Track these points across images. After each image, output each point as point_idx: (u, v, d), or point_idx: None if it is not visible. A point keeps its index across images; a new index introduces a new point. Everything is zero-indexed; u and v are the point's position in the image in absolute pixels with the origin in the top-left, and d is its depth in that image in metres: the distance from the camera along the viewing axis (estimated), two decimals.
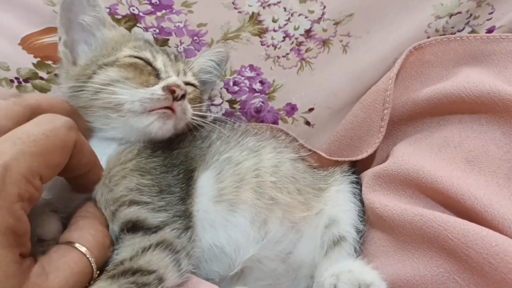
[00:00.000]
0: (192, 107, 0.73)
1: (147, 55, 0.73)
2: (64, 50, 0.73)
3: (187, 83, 0.75)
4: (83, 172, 0.59)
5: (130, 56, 0.71)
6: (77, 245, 0.54)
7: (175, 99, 0.67)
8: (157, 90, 0.67)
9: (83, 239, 0.55)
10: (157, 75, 0.72)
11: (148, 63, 0.72)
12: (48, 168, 0.50)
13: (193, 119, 0.73)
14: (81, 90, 0.68)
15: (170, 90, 0.66)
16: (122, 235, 0.60)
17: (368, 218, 0.75)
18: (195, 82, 0.80)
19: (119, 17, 0.83)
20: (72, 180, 0.61)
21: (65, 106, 0.66)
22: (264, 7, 0.82)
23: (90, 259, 0.54)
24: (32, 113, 0.55)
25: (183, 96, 0.68)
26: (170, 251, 0.58)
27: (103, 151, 0.66)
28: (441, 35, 0.83)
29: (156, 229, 0.60)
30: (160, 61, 0.73)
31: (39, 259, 0.50)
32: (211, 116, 0.81)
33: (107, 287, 0.52)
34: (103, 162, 0.65)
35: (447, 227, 0.58)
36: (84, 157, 0.58)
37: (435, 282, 0.58)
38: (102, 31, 0.75)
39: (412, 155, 0.72)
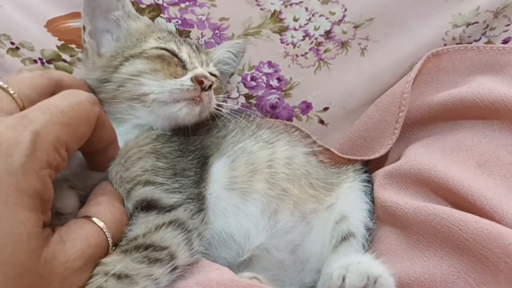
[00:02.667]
0: (215, 97, 0.77)
1: (172, 46, 0.76)
2: (90, 40, 0.76)
3: (210, 74, 0.78)
4: (102, 147, 0.63)
5: (157, 48, 0.74)
6: (95, 219, 0.56)
7: (203, 89, 0.71)
8: (186, 81, 0.70)
9: (101, 214, 0.58)
10: (183, 66, 0.75)
11: (174, 54, 0.75)
12: (73, 138, 0.53)
13: (216, 108, 0.76)
14: (107, 82, 0.72)
15: (198, 81, 0.70)
16: (136, 213, 0.63)
17: (377, 216, 0.77)
18: (217, 72, 0.84)
19: (143, 6, 0.86)
20: (90, 155, 0.64)
21: (85, 86, 0.70)
22: (286, 6, 0.86)
23: (107, 233, 0.56)
24: (56, 86, 0.59)
25: (210, 87, 0.72)
26: (182, 229, 0.61)
27: (123, 137, 0.69)
28: (457, 43, 0.86)
29: (170, 208, 0.63)
30: (185, 53, 0.77)
31: (58, 229, 0.52)
32: (231, 106, 0.84)
33: (121, 260, 0.55)
34: (121, 145, 0.68)
35: (461, 226, 0.59)
36: (105, 132, 0.61)
37: (445, 281, 0.60)
38: (127, 22, 0.78)
39: (424, 155, 0.74)
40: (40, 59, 0.87)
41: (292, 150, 0.80)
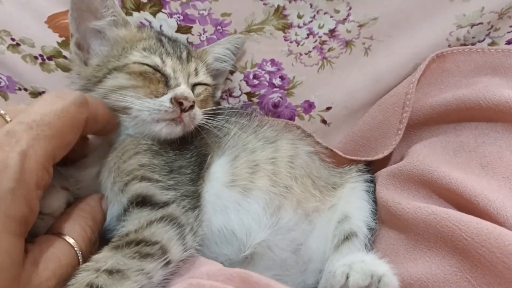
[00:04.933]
0: (202, 111, 0.75)
1: (156, 60, 0.74)
2: (76, 51, 0.76)
3: (198, 84, 0.78)
4: (98, 131, 0.64)
5: (139, 63, 0.73)
6: (66, 237, 0.57)
7: (183, 110, 0.70)
8: (165, 101, 0.69)
9: (73, 232, 0.58)
10: (166, 82, 0.73)
11: (157, 70, 0.73)
12: (60, 148, 0.53)
13: (205, 120, 0.75)
14: (92, 92, 0.71)
15: (178, 102, 0.69)
16: (131, 208, 0.64)
17: (380, 216, 0.79)
18: (208, 80, 0.82)
19: (145, 1, 0.86)
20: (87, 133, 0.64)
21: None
22: (290, 1, 0.86)
23: (78, 252, 0.56)
24: None
25: (191, 107, 0.71)
26: (174, 225, 0.63)
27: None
28: (461, 44, 0.88)
29: (163, 205, 0.65)
30: (169, 67, 0.75)
31: (30, 248, 0.52)
32: (232, 105, 0.84)
33: (112, 257, 0.56)
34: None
35: (461, 226, 0.61)
36: (97, 124, 0.62)
37: (448, 281, 0.61)
38: (114, 30, 0.77)
39: (427, 156, 0.76)
40: (41, 55, 0.88)
41: (295, 149, 0.81)
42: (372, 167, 0.89)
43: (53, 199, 0.63)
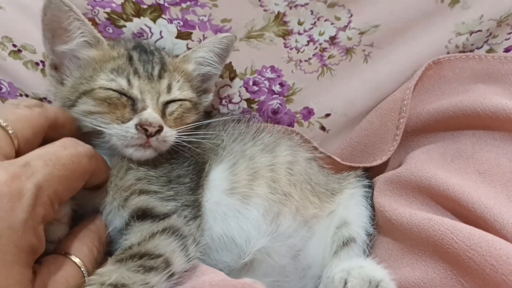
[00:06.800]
0: (180, 128, 0.74)
1: (121, 83, 0.71)
2: (51, 72, 0.76)
3: (171, 101, 0.76)
4: (94, 184, 0.65)
5: (104, 88, 0.71)
6: (74, 258, 0.58)
7: (149, 136, 0.69)
8: (130, 127, 0.68)
9: (81, 253, 0.59)
10: (132, 105, 0.71)
11: (123, 93, 0.71)
12: (68, 192, 0.55)
13: (183, 137, 0.73)
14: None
15: (142, 128, 0.68)
16: (132, 222, 0.66)
17: (377, 222, 0.80)
18: (184, 94, 0.78)
19: (145, 6, 0.86)
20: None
21: (75, 123, 0.70)
22: (290, 7, 0.86)
23: (84, 273, 0.57)
24: (50, 125, 0.60)
25: (158, 131, 0.69)
26: (177, 236, 0.64)
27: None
28: (460, 51, 0.89)
29: (164, 216, 0.66)
30: (136, 88, 0.72)
31: (38, 270, 0.52)
32: (215, 118, 0.85)
33: (116, 270, 0.57)
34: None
35: (453, 230, 0.62)
36: (98, 179, 0.64)
37: (444, 285, 0.63)
38: (84, 52, 0.75)
39: (425, 162, 0.77)
40: (42, 61, 0.89)
41: (294, 155, 0.83)
42: (370, 173, 0.90)
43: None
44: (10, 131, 0.53)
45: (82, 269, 0.57)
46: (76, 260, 0.57)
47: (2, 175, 0.47)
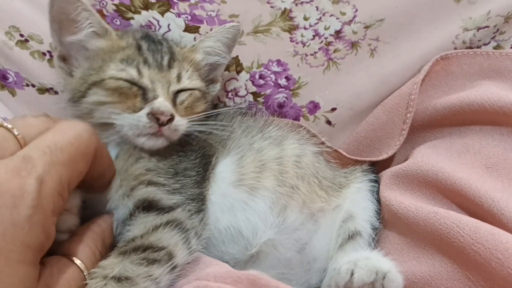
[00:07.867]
0: (191, 117, 0.74)
1: (132, 73, 0.71)
2: (60, 64, 0.76)
3: (181, 90, 0.76)
4: (99, 174, 0.63)
5: (114, 78, 0.71)
6: (76, 260, 0.57)
7: (161, 124, 0.69)
8: (142, 117, 0.69)
9: (84, 255, 0.58)
10: (143, 95, 0.71)
11: (133, 83, 0.71)
12: (73, 176, 0.53)
13: (194, 126, 0.74)
14: (78, 105, 0.73)
15: (154, 117, 0.69)
16: (137, 213, 0.66)
17: (383, 216, 0.80)
18: (194, 83, 0.78)
19: (153, 1, 0.88)
20: (87, 182, 0.63)
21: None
22: (296, 4, 0.88)
23: (86, 276, 0.57)
24: None
25: (170, 120, 0.70)
26: (179, 229, 0.64)
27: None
28: (467, 47, 0.90)
29: (169, 209, 0.66)
30: (146, 78, 0.72)
31: (41, 272, 0.51)
32: (222, 107, 0.86)
33: (119, 263, 0.57)
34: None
35: (459, 223, 0.62)
36: (103, 162, 0.62)
37: (450, 278, 0.63)
38: (93, 42, 0.75)
39: (432, 157, 0.77)
40: (48, 51, 0.89)
41: (301, 148, 0.83)
42: (376, 167, 0.91)
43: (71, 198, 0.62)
44: (15, 133, 0.52)
45: (84, 272, 0.57)
46: (78, 262, 0.57)
47: (2, 171, 0.46)
